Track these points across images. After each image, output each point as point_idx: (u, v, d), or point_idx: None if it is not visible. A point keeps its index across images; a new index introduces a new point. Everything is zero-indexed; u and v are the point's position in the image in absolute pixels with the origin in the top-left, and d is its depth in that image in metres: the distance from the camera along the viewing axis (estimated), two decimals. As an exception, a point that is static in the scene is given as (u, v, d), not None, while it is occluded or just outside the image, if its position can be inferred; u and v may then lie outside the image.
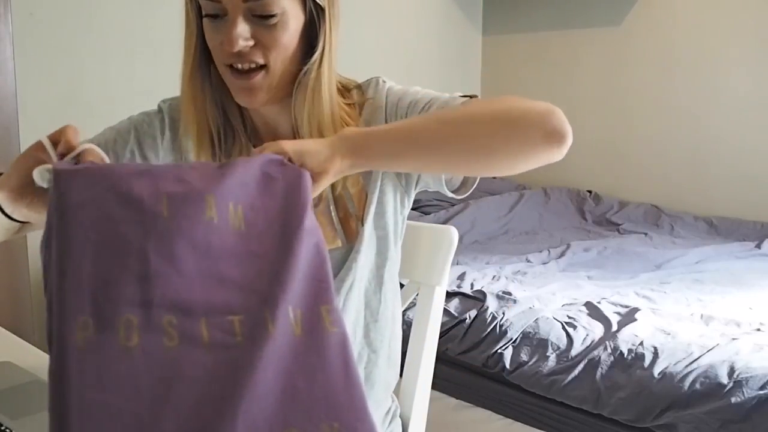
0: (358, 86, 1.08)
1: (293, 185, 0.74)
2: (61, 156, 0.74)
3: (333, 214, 1.02)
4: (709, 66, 3.16)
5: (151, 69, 2.49)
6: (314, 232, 0.72)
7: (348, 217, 1.02)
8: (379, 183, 1.03)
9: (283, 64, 0.94)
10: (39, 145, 0.77)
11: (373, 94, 1.06)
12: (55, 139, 0.76)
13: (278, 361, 0.62)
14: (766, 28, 2.99)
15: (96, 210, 0.64)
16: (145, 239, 0.63)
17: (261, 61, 0.93)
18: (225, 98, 0.99)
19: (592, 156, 3.56)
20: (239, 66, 0.93)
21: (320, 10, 0.95)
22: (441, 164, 0.89)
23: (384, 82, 1.07)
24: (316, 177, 0.79)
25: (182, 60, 0.98)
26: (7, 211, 0.81)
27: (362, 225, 1.02)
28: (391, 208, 1.04)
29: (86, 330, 0.61)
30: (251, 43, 0.91)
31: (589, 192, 3.47)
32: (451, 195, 1.02)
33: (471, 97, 0.97)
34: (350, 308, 1.03)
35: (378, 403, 1.10)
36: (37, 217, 0.82)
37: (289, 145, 0.78)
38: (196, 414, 0.60)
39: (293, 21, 0.93)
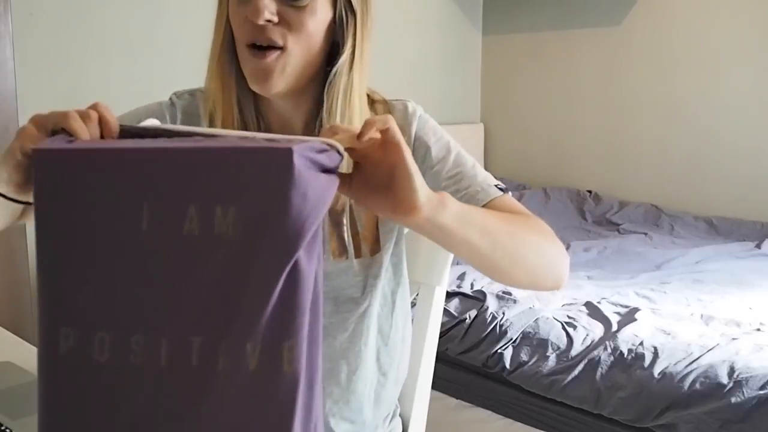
0: (385, 102, 1.04)
1: (320, 189, 0.62)
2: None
3: (347, 227, 0.99)
4: (709, 66, 3.15)
5: (151, 69, 2.49)
6: (308, 250, 0.62)
7: (355, 234, 1.01)
8: None
9: (302, 52, 0.92)
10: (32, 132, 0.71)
11: (401, 121, 1.01)
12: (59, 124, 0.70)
13: (224, 397, 0.60)
14: (766, 28, 2.99)
15: (78, 209, 0.62)
16: (123, 252, 0.62)
17: (280, 42, 0.90)
18: (242, 90, 0.97)
19: (592, 156, 3.56)
20: (258, 42, 0.90)
21: (351, 10, 0.93)
22: (476, 260, 0.87)
23: (414, 110, 1.03)
24: (400, 211, 0.72)
25: (211, 42, 0.96)
26: (6, 192, 0.76)
27: (380, 250, 1.01)
28: (402, 237, 1.05)
29: (68, 340, 0.62)
30: (275, 19, 0.89)
31: (589, 192, 3.47)
32: None
33: (503, 190, 0.97)
34: (363, 333, 1.03)
35: (382, 415, 1.11)
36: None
37: (410, 160, 0.71)
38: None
39: (321, 11, 0.91)
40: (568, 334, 1.89)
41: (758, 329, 1.85)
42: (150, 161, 0.62)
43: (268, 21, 0.89)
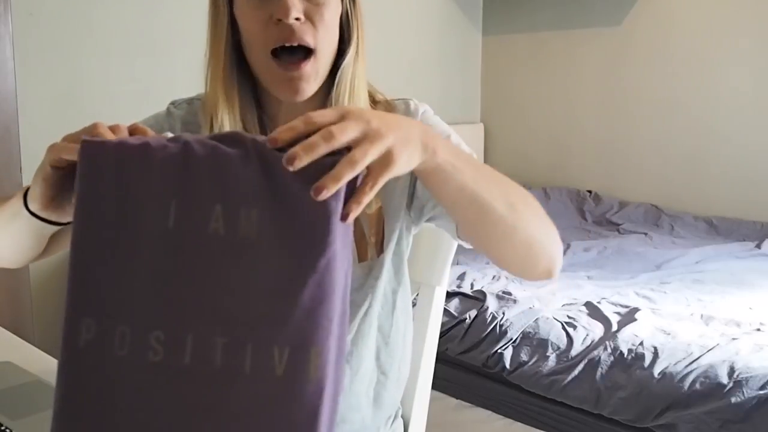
0: (387, 102, 1.02)
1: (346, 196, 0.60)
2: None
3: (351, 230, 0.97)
4: (709, 66, 3.15)
5: (151, 69, 2.49)
6: (339, 253, 0.60)
7: (361, 237, 0.99)
8: (402, 212, 0.98)
9: (328, 50, 0.90)
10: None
11: None
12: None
13: (249, 400, 0.60)
14: (766, 28, 2.99)
15: (115, 205, 0.63)
16: (149, 248, 0.62)
17: (311, 42, 0.88)
18: (244, 97, 0.94)
19: (592, 156, 3.56)
20: (289, 43, 0.87)
21: (352, 1, 0.93)
22: (474, 211, 0.77)
23: (416, 108, 1.01)
24: (389, 160, 0.62)
25: (209, 55, 0.93)
26: (38, 211, 0.76)
27: (383, 252, 1.00)
28: (404, 236, 1.03)
29: (89, 332, 0.62)
30: (303, 17, 0.87)
31: (589, 192, 3.47)
32: (461, 242, 0.97)
33: None
34: (364, 332, 1.02)
35: (383, 417, 1.11)
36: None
37: (375, 117, 0.62)
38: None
39: (335, 4, 0.90)
40: (568, 334, 1.89)
41: (758, 329, 1.85)
42: (180, 159, 0.62)
43: (297, 19, 0.86)
